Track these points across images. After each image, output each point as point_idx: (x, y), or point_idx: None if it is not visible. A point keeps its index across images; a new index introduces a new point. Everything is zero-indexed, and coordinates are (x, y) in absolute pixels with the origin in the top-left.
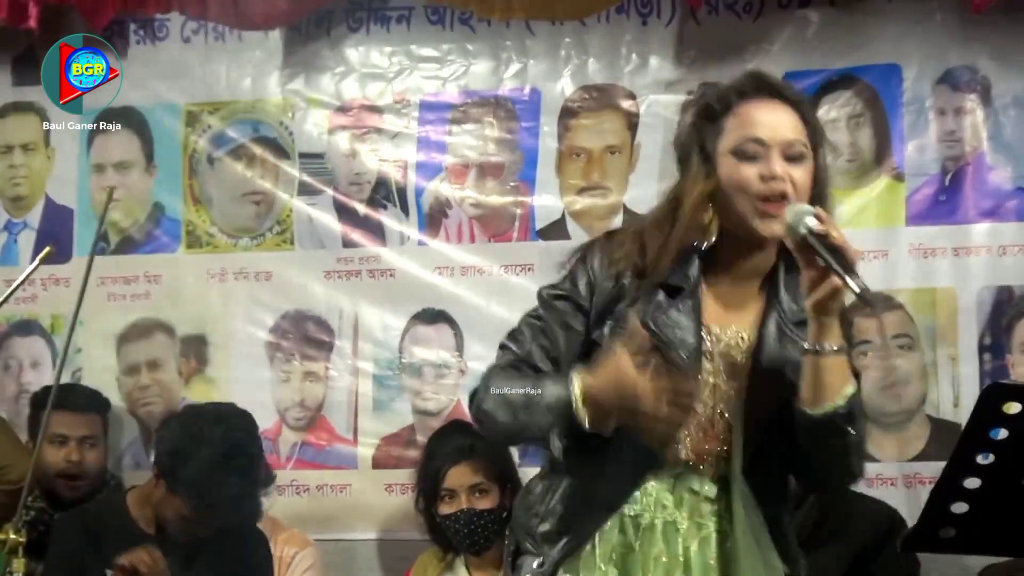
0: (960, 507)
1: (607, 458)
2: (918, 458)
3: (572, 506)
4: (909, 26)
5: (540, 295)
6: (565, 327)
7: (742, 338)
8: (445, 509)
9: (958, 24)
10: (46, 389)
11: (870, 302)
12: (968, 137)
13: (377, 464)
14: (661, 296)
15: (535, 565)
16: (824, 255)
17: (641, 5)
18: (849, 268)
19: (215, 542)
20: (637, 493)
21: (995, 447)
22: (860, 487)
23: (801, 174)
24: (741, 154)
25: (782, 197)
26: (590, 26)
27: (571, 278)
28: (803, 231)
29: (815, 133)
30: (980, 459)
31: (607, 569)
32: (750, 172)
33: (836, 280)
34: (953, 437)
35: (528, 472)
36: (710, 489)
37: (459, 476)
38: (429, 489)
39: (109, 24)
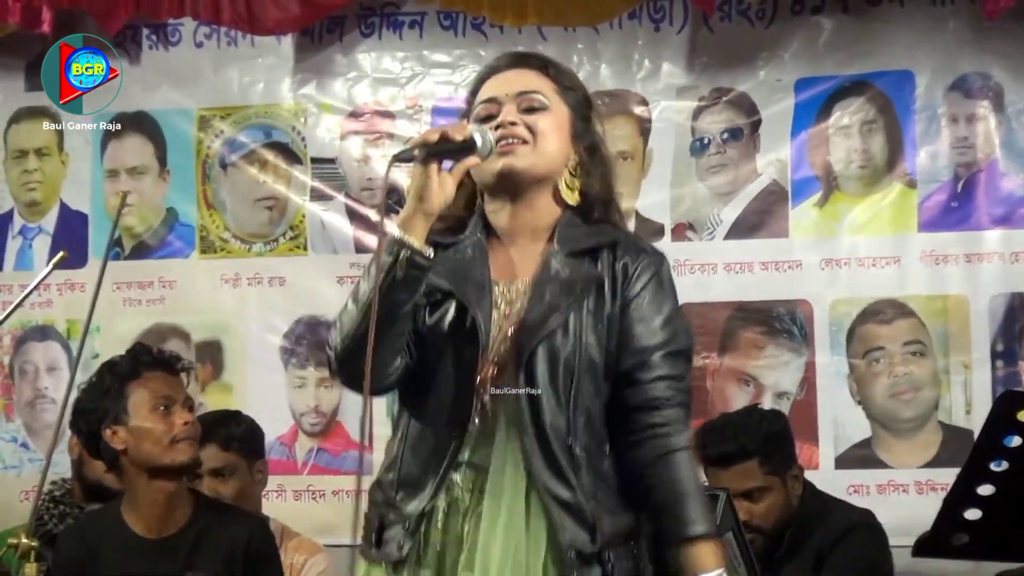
0: (974, 514)
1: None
2: (930, 464)
3: (419, 452)
4: (921, 33)
5: None
6: None
7: (521, 288)
8: None
9: (970, 31)
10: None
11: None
12: (980, 144)
13: None
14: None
15: (403, 529)
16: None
17: (653, 11)
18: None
19: (213, 536)
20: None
21: (1009, 454)
22: (880, 495)
23: (543, 122)
24: (479, 117)
25: (517, 140)
26: (603, 32)
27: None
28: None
29: (574, 96)
30: (994, 466)
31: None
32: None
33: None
34: (965, 444)
35: None
36: (481, 456)
37: None
38: None
39: (122, 29)
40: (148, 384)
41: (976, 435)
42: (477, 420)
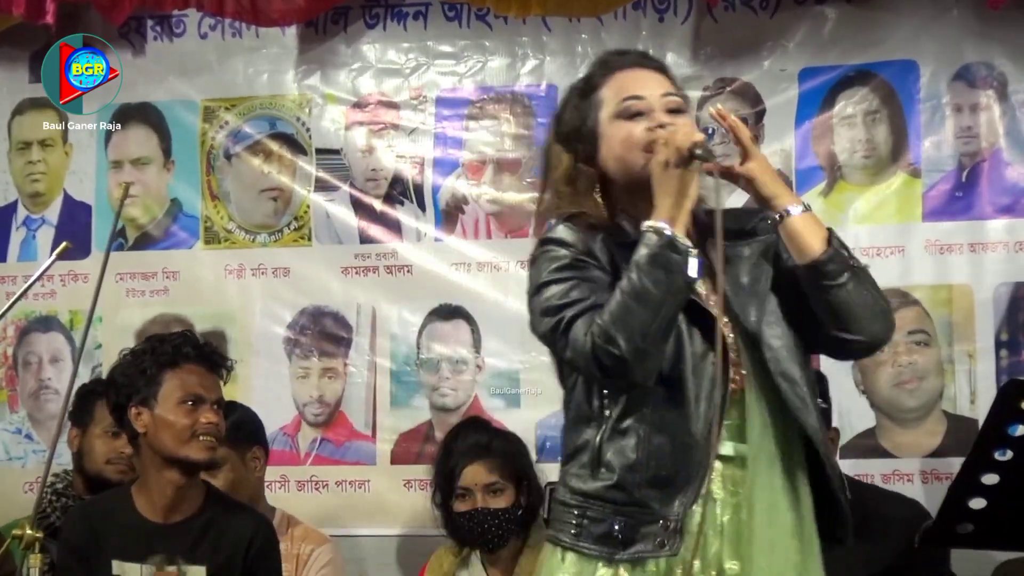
0: (978, 503)
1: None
2: (935, 454)
3: (672, 450)
4: (925, 22)
5: (544, 280)
6: (594, 279)
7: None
8: (460, 507)
9: (975, 20)
10: (95, 381)
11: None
12: (984, 133)
13: (396, 460)
14: None
15: (662, 525)
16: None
17: (658, 1)
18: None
19: (219, 528)
20: None
21: (1013, 443)
22: (885, 484)
23: (686, 121)
24: (624, 113)
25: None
26: (607, 23)
27: (565, 250)
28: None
29: (685, 98)
30: (998, 455)
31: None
32: (636, 127)
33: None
34: (970, 433)
35: (547, 469)
36: (728, 448)
37: (474, 475)
38: (445, 486)
39: (126, 20)
40: (183, 376)
41: (980, 424)
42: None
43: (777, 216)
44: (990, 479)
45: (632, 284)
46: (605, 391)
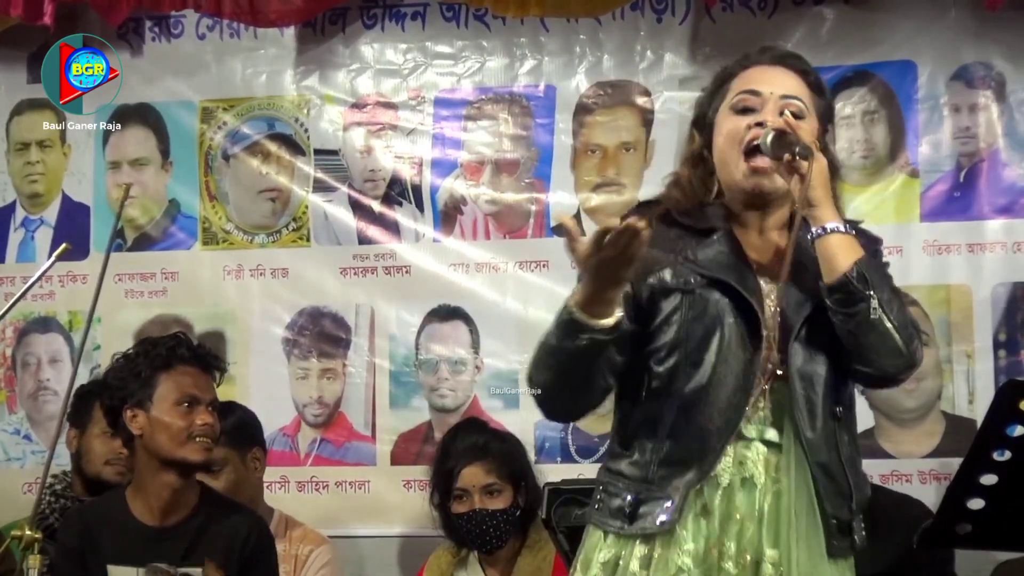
0: (976, 503)
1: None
2: (933, 454)
3: (688, 431)
4: (923, 23)
5: None
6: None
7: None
8: (458, 508)
9: (972, 21)
10: (94, 382)
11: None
12: (983, 133)
13: (395, 460)
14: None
15: (668, 504)
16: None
17: (656, 2)
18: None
19: (214, 529)
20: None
21: (1011, 444)
22: (884, 485)
23: (805, 127)
24: (736, 107)
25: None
26: (605, 23)
27: None
28: (768, 140)
29: (822, 105)
30: (996, 455)
31: (686, 531)
32: (742, 122)
33: (802, 164)
34: (968, 433)
35: (545, 469)
36: (774, 435)
37: (472, 476)
38: (443, 487)
39: (124, 21)
40: (178, 378)
41: (979, 424)
42: (764, 399)
43: (815, 231)
44: (988, 479)
45: (547, 336)
46: (646, 373)
